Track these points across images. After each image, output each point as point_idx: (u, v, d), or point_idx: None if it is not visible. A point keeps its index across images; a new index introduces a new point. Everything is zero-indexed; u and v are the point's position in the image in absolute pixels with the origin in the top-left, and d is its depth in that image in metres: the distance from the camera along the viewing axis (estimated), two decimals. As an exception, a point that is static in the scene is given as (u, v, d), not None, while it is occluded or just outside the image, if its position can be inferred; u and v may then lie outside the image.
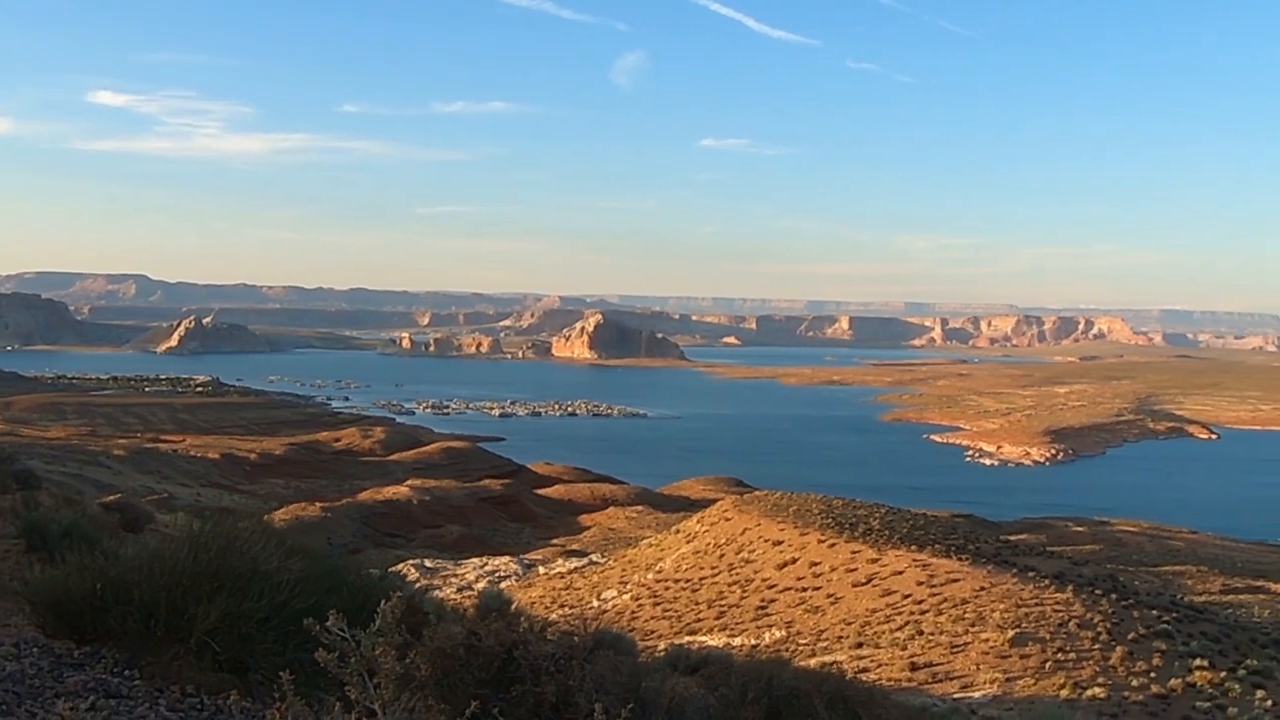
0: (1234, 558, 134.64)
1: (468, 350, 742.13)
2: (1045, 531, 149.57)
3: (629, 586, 72.20)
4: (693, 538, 78.19)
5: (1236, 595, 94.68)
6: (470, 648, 6.17)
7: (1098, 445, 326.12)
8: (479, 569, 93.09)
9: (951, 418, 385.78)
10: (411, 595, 7.89)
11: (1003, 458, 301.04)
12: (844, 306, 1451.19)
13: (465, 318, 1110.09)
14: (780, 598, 59.04)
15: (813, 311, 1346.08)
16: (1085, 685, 36.37)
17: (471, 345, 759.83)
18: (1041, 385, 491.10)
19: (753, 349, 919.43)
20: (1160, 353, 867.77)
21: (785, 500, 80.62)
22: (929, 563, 57.50)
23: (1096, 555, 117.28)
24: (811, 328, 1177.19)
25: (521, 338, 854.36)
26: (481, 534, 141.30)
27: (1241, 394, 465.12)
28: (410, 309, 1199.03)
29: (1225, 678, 37.41)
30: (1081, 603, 48.65)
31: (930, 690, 36.98)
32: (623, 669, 7.17)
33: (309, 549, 9.77)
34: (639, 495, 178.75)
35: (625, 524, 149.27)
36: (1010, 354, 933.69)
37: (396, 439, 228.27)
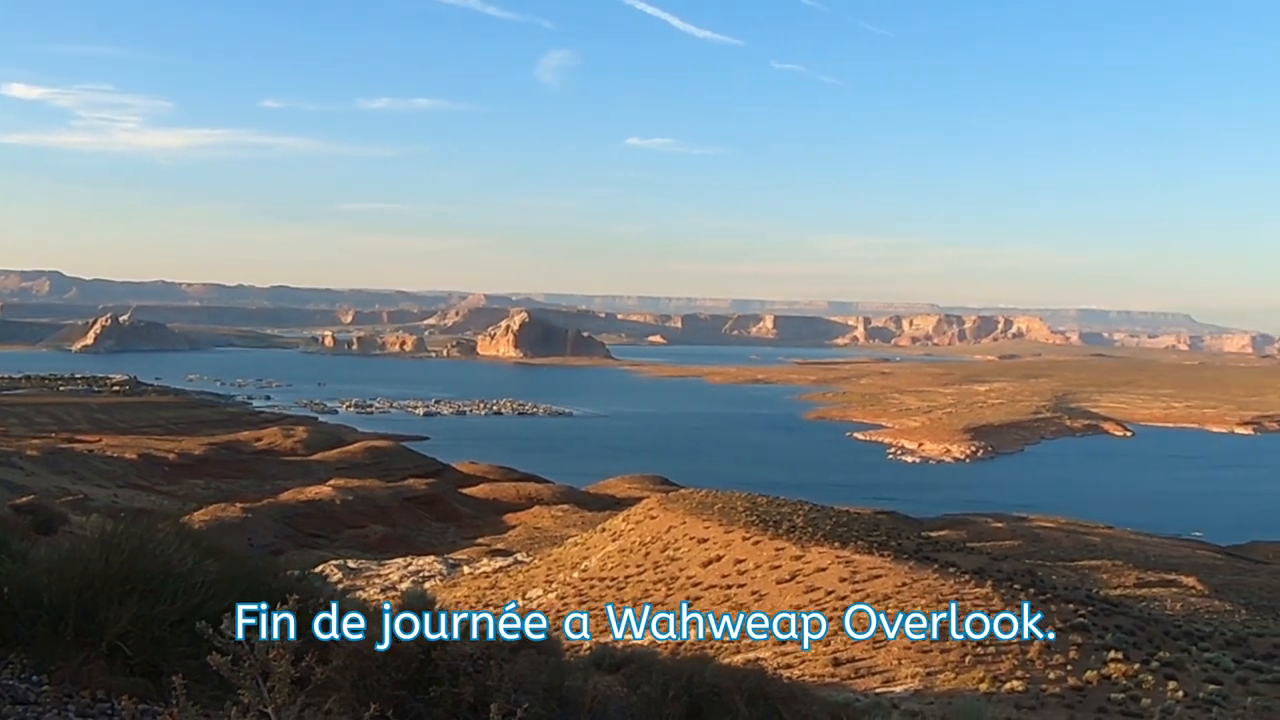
0: (1148, 552, 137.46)
1: (391, 349, 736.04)
2: (965, 528, 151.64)
3: (554, 585, 72.02)
4: (618, 536, 78.15)
5: (1150, 589, 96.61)
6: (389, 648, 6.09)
7: (1016, 442, 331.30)
8: (403, 569, 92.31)
9: (874, 416, 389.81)
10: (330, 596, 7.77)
11: (924, 455, 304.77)
12: (768, 306, 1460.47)
13: (389, 316, 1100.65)
14: (705, 595, 59.22)
15: (738, 310, 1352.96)
16: (1004, 679, 36.92)
17: (395, 344, 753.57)
18: (962, 384, 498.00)
19: (678, 348, 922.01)
20: (1077, 351, 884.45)
21: (710, 498, 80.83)
22: (852, 559, 57.99)
23: (1015, 550, 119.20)
24: (736, 327, 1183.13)
25: (446, 336, 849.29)
26: (406, 534, 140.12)
27: (1155, 392, 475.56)
28: (333, 307, 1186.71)
29: (1139, 669, 38.20)
30: (1000, 597, 49.39)
31: (853, 685, 37.31)
32: (545, 668, 7.13)
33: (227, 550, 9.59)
34: (564, 494, 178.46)
35: (551, 523, 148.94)
36: (931, 353, 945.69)
37: (319, 438, 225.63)
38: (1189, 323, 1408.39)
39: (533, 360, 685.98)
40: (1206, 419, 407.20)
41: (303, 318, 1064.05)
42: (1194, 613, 78.44)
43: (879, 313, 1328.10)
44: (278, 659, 5.41)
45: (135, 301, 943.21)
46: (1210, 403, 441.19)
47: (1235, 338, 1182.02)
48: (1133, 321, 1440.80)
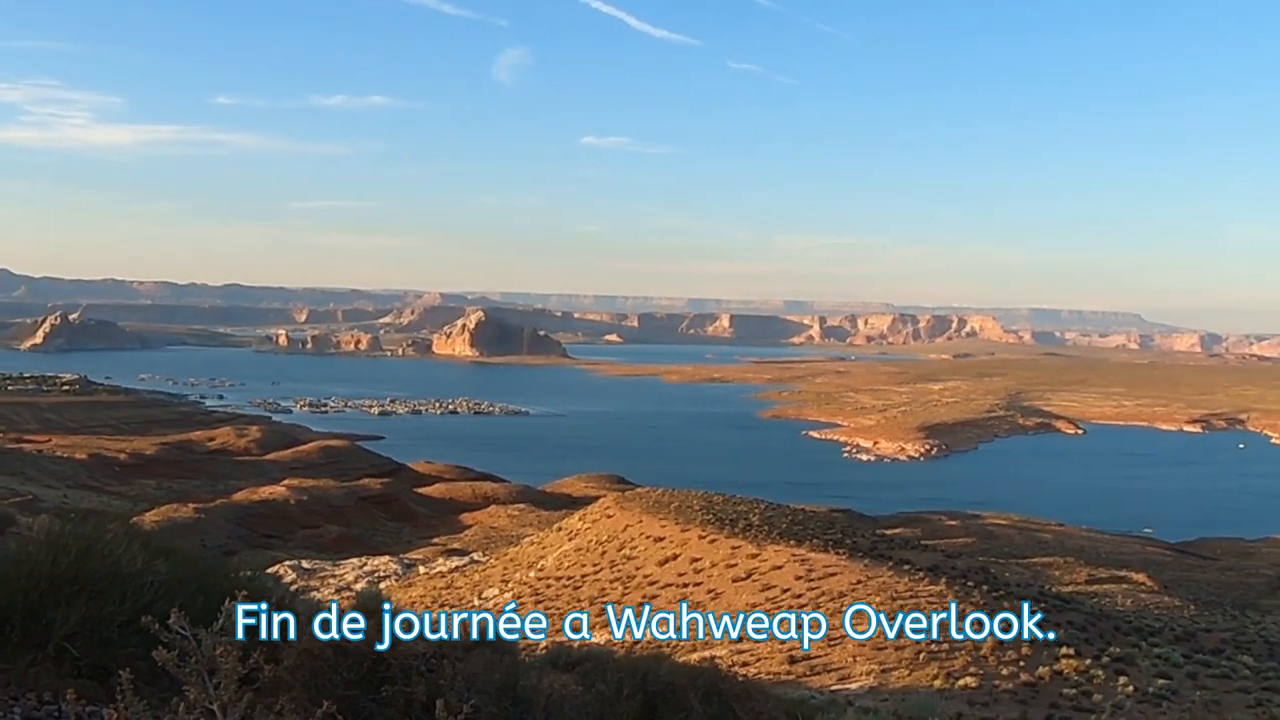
0: (1099, 549, 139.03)
1: (346, 348, 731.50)
2: (920, 525, 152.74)
3: (510, 585, 71.87)
4: (574, 535, 78.09)
5: (1101, 585, 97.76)
6: (339, 648, 6.05)
7: (970, 441, 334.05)
8: (358, 569, 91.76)
9: (829, 414, 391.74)
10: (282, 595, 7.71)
11: (879, 453, 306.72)
12: (724, 305, 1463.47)
13: (344, 315, 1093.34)
14: (662, 594, 59.28)
15: (694, 309, 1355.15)
16: (958, 675, 37.20)
17: (350, 343, 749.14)
18: (916, 382, 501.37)
19: (634, 346, 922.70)
20: (1029, 350, 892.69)
21: (667, 497, 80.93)
22: (807, 557, 58.23)
23: (969, 548, 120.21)
24: (693, 325, 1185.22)
25: (401, 335, 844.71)
26: (361, 534, 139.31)
27: (1106, 390, 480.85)
28: (287, 306, 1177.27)
29: (1090, 665, 38.61)
30: (954, 594, 49.76)
31: (809, 682, 37.46)
32: (499, 667, 7.11)
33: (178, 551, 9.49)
34: (521, 493, 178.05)
35: (507, 522, 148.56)
36: (886, 352, 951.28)
37: (273, 438, 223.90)
38: (1139, 322, 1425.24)
39: (489, 359, 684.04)
40: (1156, 417, 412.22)
41: (256, 316, 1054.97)
42: (1144, 609, 79.42)
43: (834, 312, 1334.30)
44: (224, 656, 5.36)
45: (85, 300, 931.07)
46: (1160, 401, 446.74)
47: (1184, 337, 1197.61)
48: (1084, 321, 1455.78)
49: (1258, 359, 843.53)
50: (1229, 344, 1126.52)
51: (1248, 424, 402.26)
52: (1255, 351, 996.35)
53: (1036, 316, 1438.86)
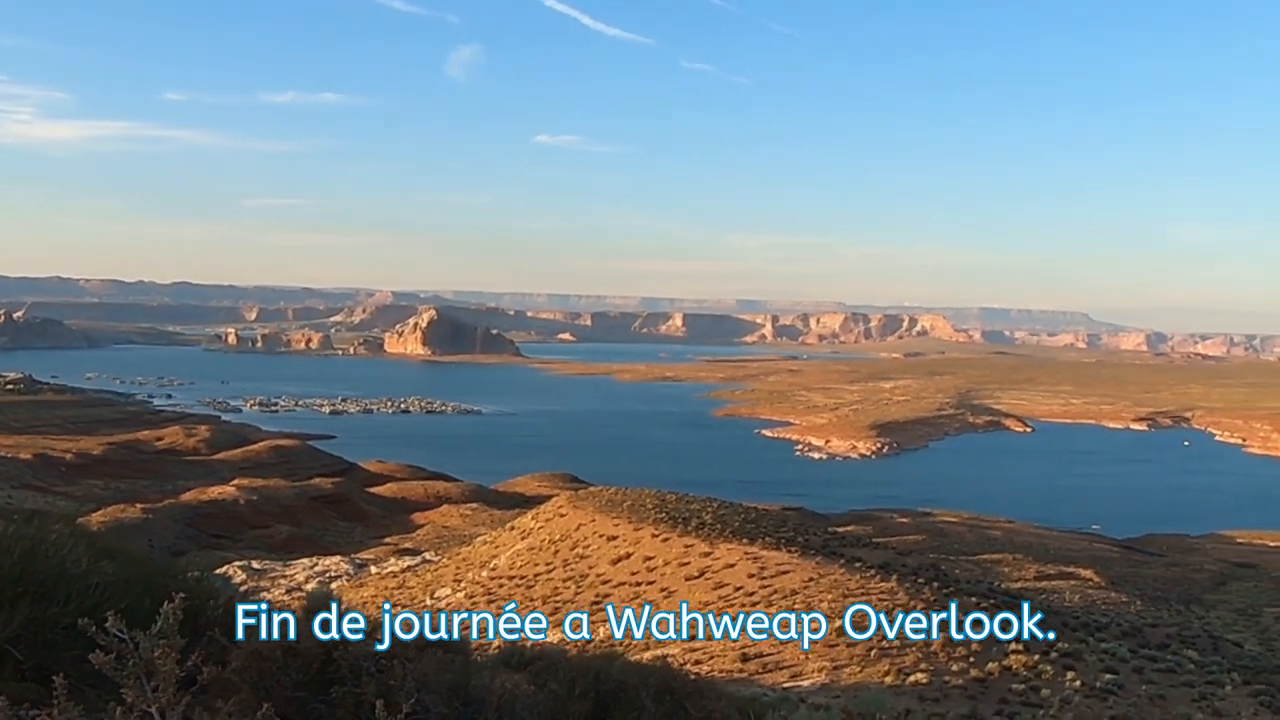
0: (1048, 545, 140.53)
1: (297, 346, 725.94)
2: (871, 523, 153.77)
3: (463, 584, 71.58)
4: (527, 534, 77.91)
5: (1050, 581, 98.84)
6: (288, 649, 5.99)
7: (921, 439, 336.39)
8: (309, 569, 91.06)
9: (782, 413, 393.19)
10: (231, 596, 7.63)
11: (831, 451, 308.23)
12: (677, 304, 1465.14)
13: (294, 313, 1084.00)
14: (615, 593, 59.25)
15: (647, 308, 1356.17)
16: (908, 671, 37.45)
17: (301, 341, 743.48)
18: (868, 381, 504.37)
19: (588, 345, 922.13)
20: (979, 349, 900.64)
21: (620, 495, 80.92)
22: (760, 555, 58.40)
23: (920, 545, 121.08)
24: (646, 324, 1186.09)
25: (353, 334, 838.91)
26: (312, 534, 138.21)
27: (1054, 389, 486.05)
28: (237, 304, 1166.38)
29: (1039, 660, 38.98)
30: (905, 591, 50.09)
31: (761, 680, 37.59)
32: (451, 667, 7.06)
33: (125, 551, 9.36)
34: (473, 492, 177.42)
35: (459, 521, 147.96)
36: (838, 350, 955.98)
37: (222, 437, 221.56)
38: (1087, 321, 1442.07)
39: (441, 358, 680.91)
40: (1103, 415, 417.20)
41: (205, 315, 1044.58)
42: (1091, 604, 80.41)
43: (787, 311, 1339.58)
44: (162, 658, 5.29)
45: (30, 298, 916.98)
46: (1107, 399, 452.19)
47: (1131, 336, 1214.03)
48: (1033, 320, 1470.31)
49: (1202, 358, 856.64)
50: (1174, 343, 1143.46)
51: (1192, 422, 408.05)
52: (1199, 350, 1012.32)
53: (986, 316, 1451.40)
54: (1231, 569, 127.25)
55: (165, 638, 5.41)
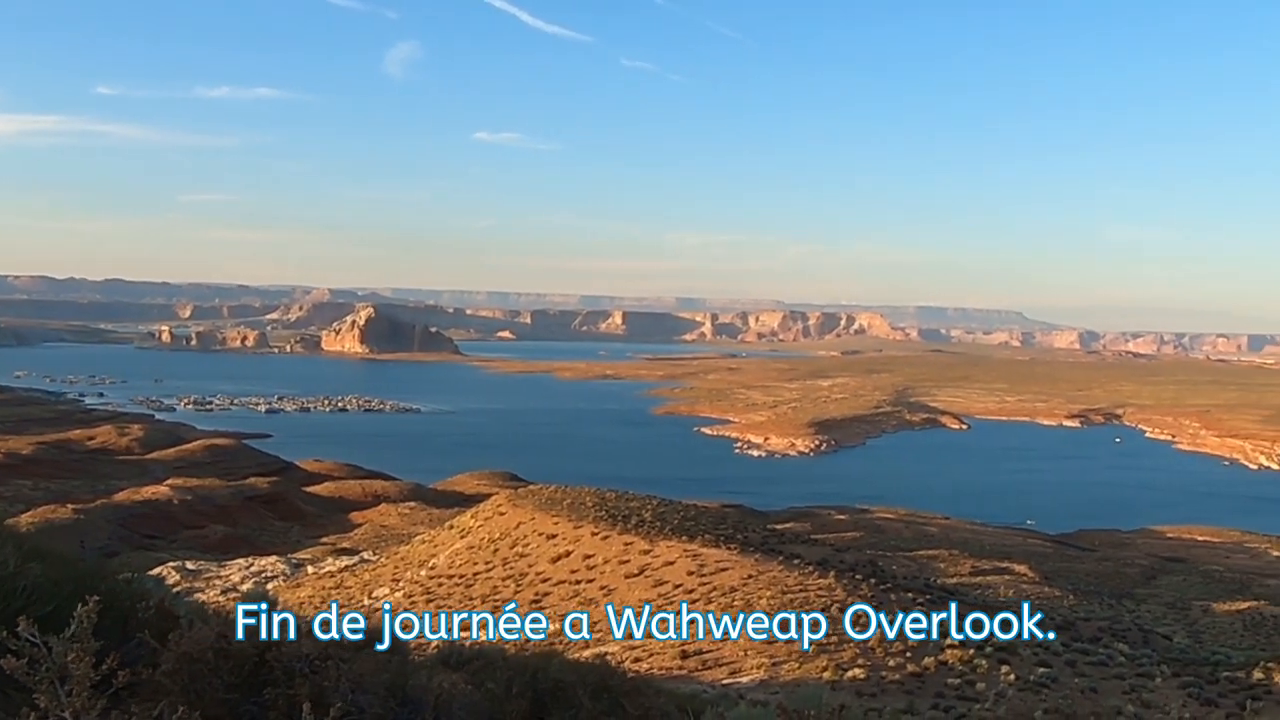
0: (983, 541, 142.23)
1: (232, 344, 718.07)
2: (810, 520, 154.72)
3: (401, 584, 71.11)
4: (466, 533, 77.51)
5: (985, 576, 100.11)
6: (219, 651, 5.90)
7: (859, 436, 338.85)
8: (245, 570, 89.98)
9: (721, 411, 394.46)
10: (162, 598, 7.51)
11: (770, 449, 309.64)
12: (617, 301, 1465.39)
13: (229, 310, 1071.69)
14: (554, 591, 59.14)
15: (587, 306, 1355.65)
16: (846, 667, 37.74)
17: (236, 339, 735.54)
18: (806, 379, 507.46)
19: (527, 343, 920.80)
20: (916, 347, 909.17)
21: (559, 494, 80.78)
22: (699, 552, 58.54)
23: (857, 542, 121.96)
24: (585, 322, 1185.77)
25: (289, 331, 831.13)
26: (248, 534, 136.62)
27: (989, 386, 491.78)
28: (170, 301, 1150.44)
29: (974, 655, 39.43)
30: (843, 588, 50.44)
31: (700, 677, 37.70)
32: (389, 667, 7.01)
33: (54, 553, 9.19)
34: (412, 491, 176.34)
35: (398, 520, 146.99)
36: (777, 349, 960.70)
37: (156, 437, 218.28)
38: (1021, 320, 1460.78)
39: (379, 356, 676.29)
40: (1037, 412, 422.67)
41: (138, 312, 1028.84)
42: (1025, 598, 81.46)
43: (726, 309, 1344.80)
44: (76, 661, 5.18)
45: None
46: (1041, 397, 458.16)
47: (1064, 334, 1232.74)
48: (969, 318, 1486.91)
49: (1133, 356, 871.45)
50: (1106, 341, 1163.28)
51: (1124, 419, 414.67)
52: (1130, 348, 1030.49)
53: (923, 314, 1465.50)
54: (1161, 563, 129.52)
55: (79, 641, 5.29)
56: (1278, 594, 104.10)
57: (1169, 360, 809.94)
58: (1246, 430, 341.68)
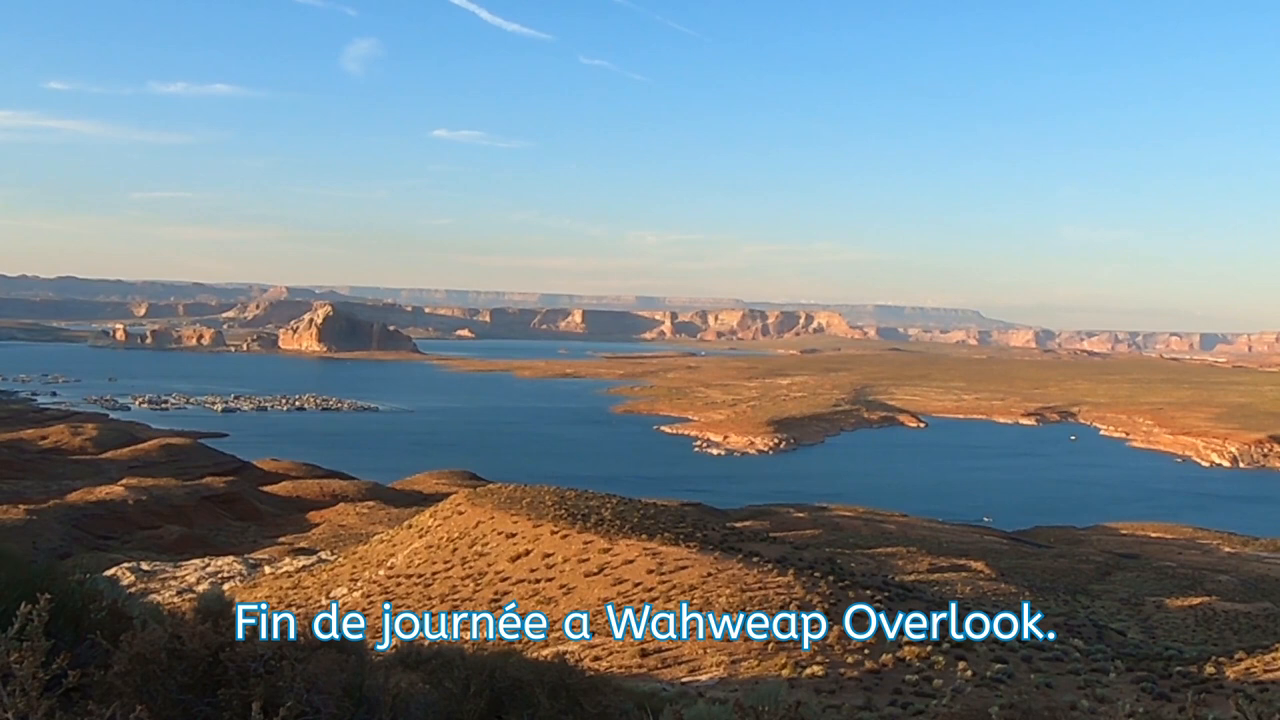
0: (940, 538, 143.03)
1: (188, 343, 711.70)
2: (769, 518, 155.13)
3: (360, 584, 70.73)
4: (425, 532, 77.20)
5: (942, 574, 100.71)
6: (173, 651, 5.84)
7: (818, 434, 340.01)
8: (201, 570, 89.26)
9: (681, 409, 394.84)
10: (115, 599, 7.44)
11: (729, 447, 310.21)
12: (577, 300, 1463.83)
13: (185, 309, 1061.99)
14: (514, 590, 59.01)
15: (546, 305, 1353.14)
16: (805, 664, 37.90)
17: (192, 337, 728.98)
18: (765, 377, 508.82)
19: (486, 342, 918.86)
20: (874, 346, 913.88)
21: (519, 493, 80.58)
22: (659, 551, 58.59)
23: (816, 539, 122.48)
24: (545, 321, 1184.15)
25: (246, 330, 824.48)
26: (204, 534, 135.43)
27: (947, 385, 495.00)
28: (125, 299, 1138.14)
29: (931, 651, 39.71)
30: (802, 585, 50.63)
31: (660, 675, 37.73)
32: (345, 667, 6.96)
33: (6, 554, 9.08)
34: (370, 490, 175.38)
35: (356, 520, 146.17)
36: (736, 347, 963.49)
37: (110, 436, 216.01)
38: (978, 319, 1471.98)
39: (337, 354, 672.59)
40: (994, 410, 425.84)
41: (92, 310, 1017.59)
42: (982, 595, 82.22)
43: (685, 308, 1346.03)
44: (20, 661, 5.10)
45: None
46: (998, 395, 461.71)
47: (1020, 333, 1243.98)
48: (926, 317, 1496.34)
49: (1087, 354, 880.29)
50: (1061, 340, 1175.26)
51: (1079, 416, 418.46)
52: (1085, 347, 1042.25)
53: (881, 313, 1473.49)
54: (1116, 560, 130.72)
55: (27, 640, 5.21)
56: (1229, 589, 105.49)
57: (1123, 359, 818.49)
58: (1199, 428, 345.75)
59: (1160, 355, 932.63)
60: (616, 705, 7.32)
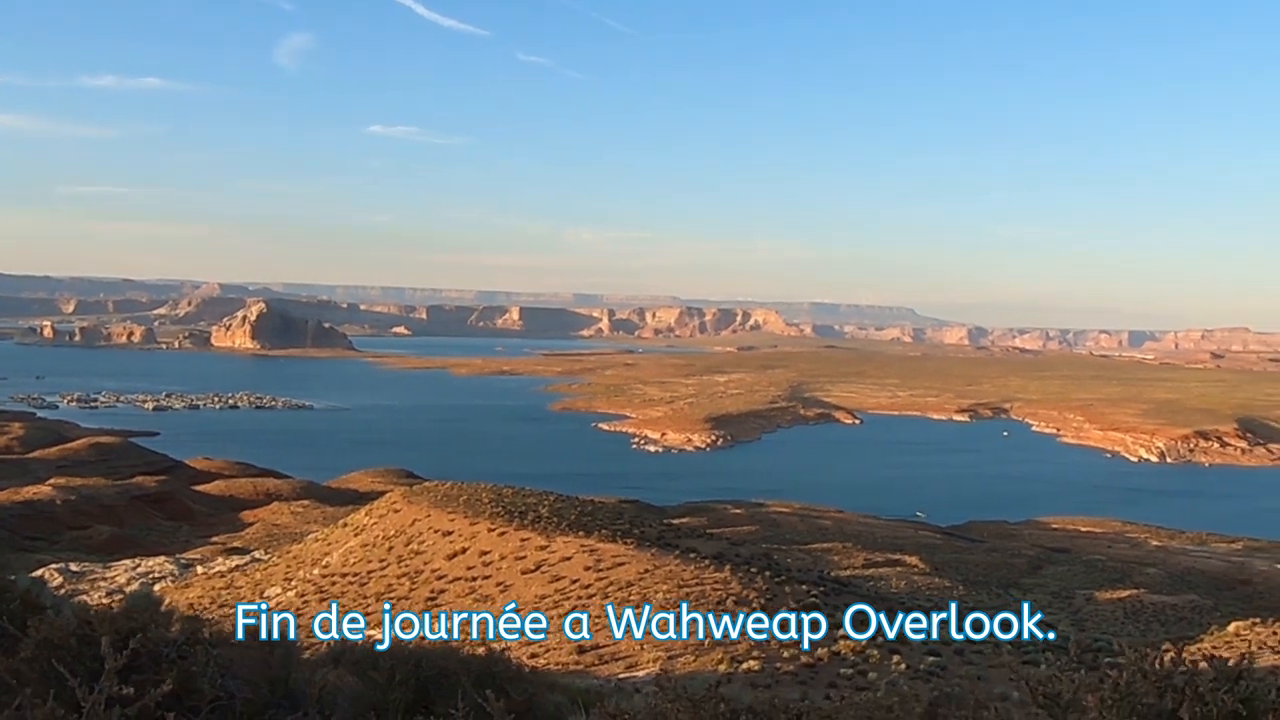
0: (875, 534, 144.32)
1: (118, 340, 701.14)
2: (706, 514, 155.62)
3: (294, 583, 70.00)
4: (361, 530, 76.58)
5: (877, 568, 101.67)
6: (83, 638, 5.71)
7: (754, 431, 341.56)
8: (131, 571, 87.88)
9: (619, 406, 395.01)
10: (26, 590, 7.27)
11: (667, 444, 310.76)
12: (514, 297, 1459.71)
13: (115, 305, 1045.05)
14: (450, 588, 58.71)
15: (483, 302, 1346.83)
16: (741, 659, 38.04)
17: (122, 335, 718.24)
18: (703, 374, 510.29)
19: (423, 339, 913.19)
20: (810, 343, 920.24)
21: (456, 490, 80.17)
22: (596, 548, 58.55)
23: (753, 535, 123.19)
24: (482, 318, 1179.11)
25: (178, 327, 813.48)
26: (135, 534, 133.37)
27: (881, 381, 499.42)
28: (53, 295, 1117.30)
29: (866, 645, 40.04)
30: (739, 581, 50.83)
31: (597, 671, 37.72)
32: (273, 661, 6.86)
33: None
34: (305, 489, 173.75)
35: (290, 519, 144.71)
36: (674, 344, 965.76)
37: (37, 435, 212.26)
38: (912, 316, 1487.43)
39: (271, 352, 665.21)
40: (928, 407, 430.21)
41: (18, 307, 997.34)
42: (916, 590, 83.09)
43: (623, 305, 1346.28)
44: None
45: None
46: (932, 391, 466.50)
47: (954, 330, 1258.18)
48: (861, 315, 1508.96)
49: (1019, 351, 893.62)
50: (994, 337, 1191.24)
51: (1011, 413, 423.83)
52: (1017, 344, 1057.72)
53: (817, 310, 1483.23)
54: (1047, 554, 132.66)
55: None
56: (1157, 582, 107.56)
57: (1054, 356, 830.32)
58: (1127, 423, 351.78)
59: (1090, 352, 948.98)
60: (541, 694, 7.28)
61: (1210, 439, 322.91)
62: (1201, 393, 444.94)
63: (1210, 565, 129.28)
